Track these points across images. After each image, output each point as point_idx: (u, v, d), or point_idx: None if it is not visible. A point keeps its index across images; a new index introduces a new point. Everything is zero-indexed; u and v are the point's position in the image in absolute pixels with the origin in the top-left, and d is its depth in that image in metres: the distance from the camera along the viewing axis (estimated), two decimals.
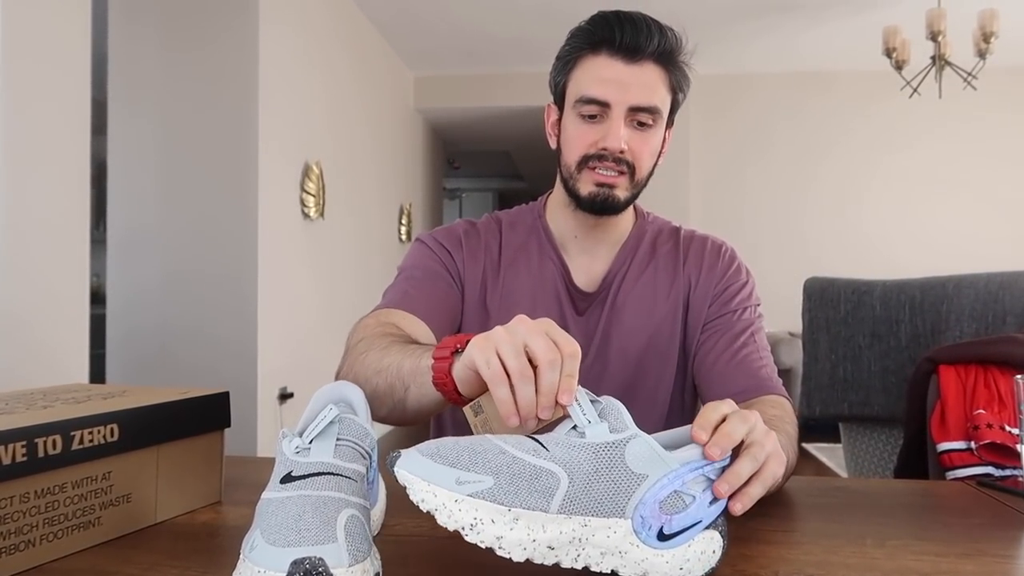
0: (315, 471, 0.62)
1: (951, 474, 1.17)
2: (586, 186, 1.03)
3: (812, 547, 0.67)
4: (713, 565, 0.59)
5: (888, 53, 4.17)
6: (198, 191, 3.18)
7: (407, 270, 1.10)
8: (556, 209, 1.13)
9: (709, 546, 0.59)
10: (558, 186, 1.10)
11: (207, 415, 0.83)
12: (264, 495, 0.61)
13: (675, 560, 0.57)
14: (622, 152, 1.00)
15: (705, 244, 1.13)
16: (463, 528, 0.55)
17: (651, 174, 1.06)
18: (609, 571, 0.57)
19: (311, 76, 3.76)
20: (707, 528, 0.59)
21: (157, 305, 3.16)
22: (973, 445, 1.15)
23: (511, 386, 0.62)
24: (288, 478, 0.61)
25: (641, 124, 1.01)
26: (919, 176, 5.64)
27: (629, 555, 0.56)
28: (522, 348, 0.62)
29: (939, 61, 4.13)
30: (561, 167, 1.07)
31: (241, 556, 0.57)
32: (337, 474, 0.62)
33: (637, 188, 1.05)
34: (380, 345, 0.87)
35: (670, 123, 1.07)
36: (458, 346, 0.71)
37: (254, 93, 3.16)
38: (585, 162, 1.02)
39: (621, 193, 1.03)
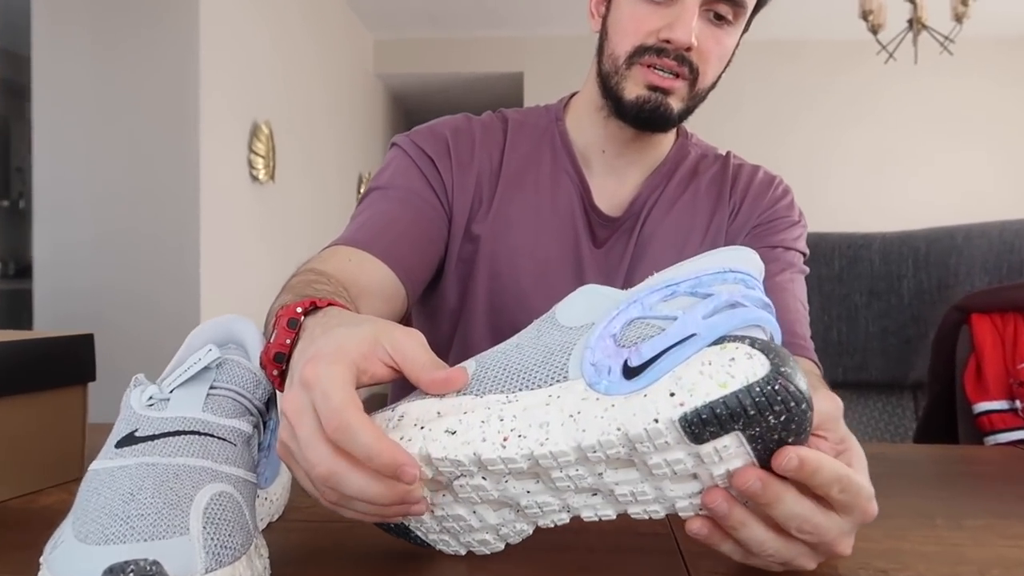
0: (170, 429, 0.42)
1: (991, 439, 1.00)
2: (634, 87, 0.79)
3: (873, 531, 0.49)
4: (754, 378, 0.35)
5: (864, 16, 4.03)
6: (132, 148, 2.92)
7: (377, 190, 0.85)
8: (582, 114, 0.89)
9: (724, 358, 0.36)
10: (590, 84, 0.87)
11: (61, 365, 0.62)
12: (91, 466, 0.41)
13: (658, 390, 0.37)
14: (689, 49, 0.77)
15: (756, 173, 0.91)
16: None
17: (713, 87, 0.84)
18: (552, 456, 0.38)
19: (259, 30, 3.50)
20: (715, 344, 0.38)
21: (89, 274, 2.90)
22: (1018, 404, 0.99)
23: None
24: (129, 440, 0.42)
25: (719, 18, 0.78)
26: (889, 147, 5.55)
27: (584, 415, 0.38)
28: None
29: (916, 24, 4.00)
30: (602, 59, 0.83)
31: (41, 559, 0.37)
32: (204, 434, 0.43)
33: (695, 101, 0.82)
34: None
35: (746, 28, 0.84)
36: (288, 342, 0.48)
37: (194, 43, 2.90)
38: (639, 55, 0.78)
39: (676, 103, 0.80)
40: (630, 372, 0.38)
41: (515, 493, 0.42)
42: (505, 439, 0.39)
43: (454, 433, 0.40)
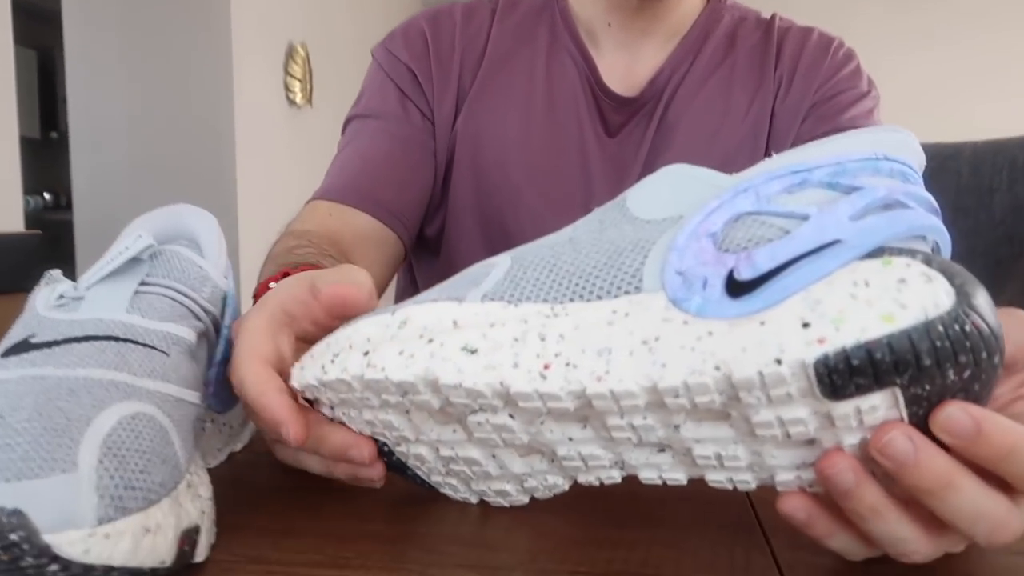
0: (77, 334, 0.32)
1: None
2: None
3: None
4: (936, 312, 0.24)
5: None
6: (165, 73, 2.83)
7: (354, 120, 0.76)
8: None
9: (890, 278, 0.25)
10: None
11: None
12: None
13: (784, 317, 0.25)
14: None
15: (809, 36, 0.75)
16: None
17: None
18: (613, 396, 0.27)
19: None
20: (871, 258, 0.26)
21: (127, 203, 2.86)
22: None
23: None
24: (22, 347, 0.32)
25: None
26: (983, 38, 4.77)
27: (665, 343, 0.27)
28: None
29: None
30: None
31: None
32: (124, 340, 0.32)
33: None
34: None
35: None
36: None
37: None
38: None
39: None
40: (737, 288, 0.26)
41: (552, 439, 0.31)
42: (546, 366, 0.28)
43: (474, 352, 0.29)
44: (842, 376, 0.24)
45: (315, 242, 0.61)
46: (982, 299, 0.24)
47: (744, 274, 0.27)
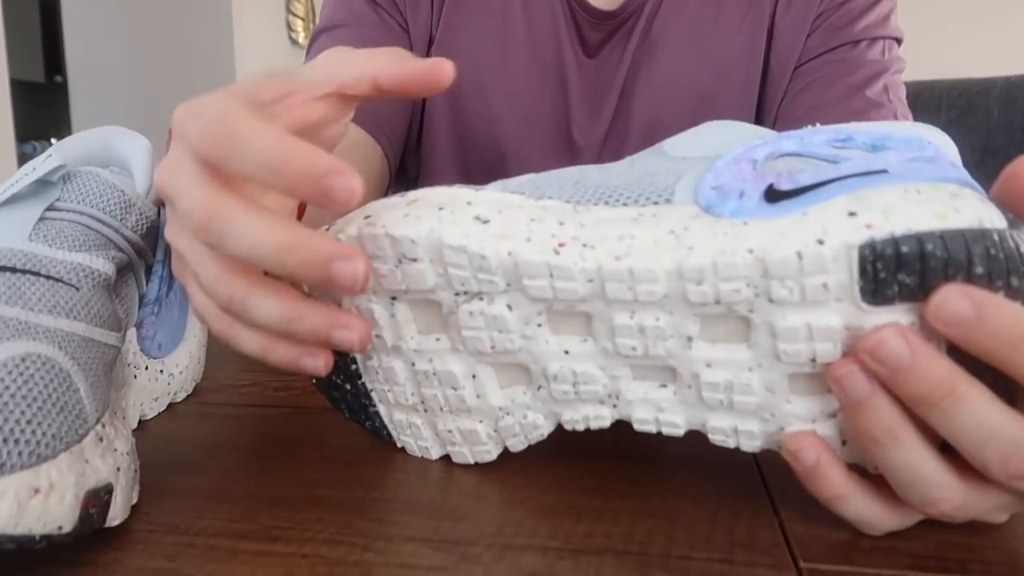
0: None
1: None
2: None
3: None
4: (991, 225, 0.21)
5: None
6: (162, 12, 2.75)
7: (322, 33, 0.69)
8: None
9: (944, 193, 0.22)
10: None
11: None
12: None
13: (829, 209, 0.22)
14: None
15: None
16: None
17: None
18: (631, 275, 0.24)
19: None
20: (914, 182, 0.23)
21: None
22: None
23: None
24: None
25: None
26: None
27: (694, 232, 0.24)
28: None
29: None
30: None
31: None
32: (23, 271, 0.28)
33: None
34: None
35: None
36: None
37: None
38: None
39: None
40: (776, 196, 0.24)
41: (547, 350, 0.27)
42: (561, 244, 0.25)
43: (487, 223, 0.26)
44: (888, 267, 0.21)
45: None
46: None
47: (783, 185, 0.24)
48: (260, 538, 0.26)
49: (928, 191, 0.22)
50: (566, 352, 0.27)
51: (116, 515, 0.26)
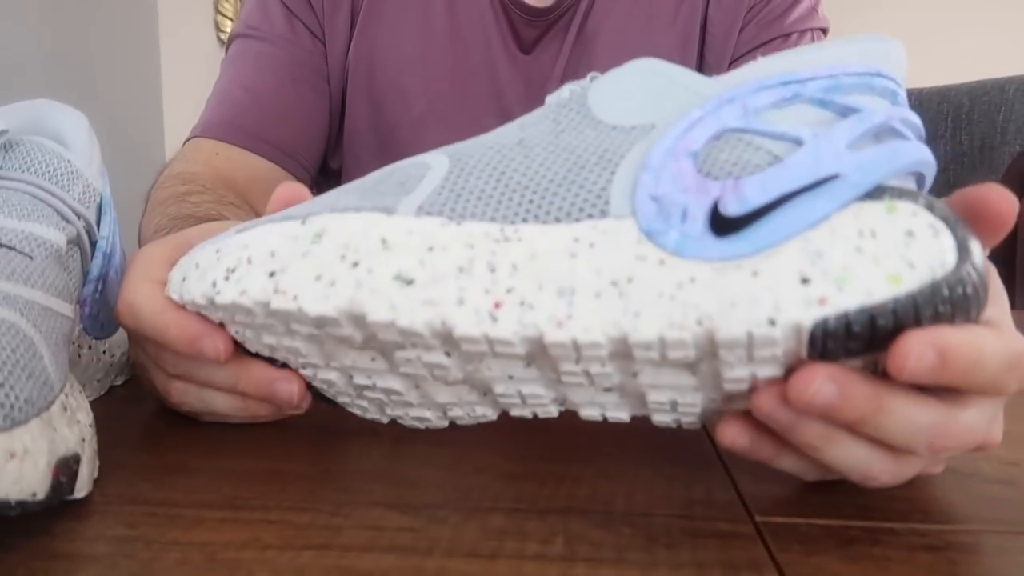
0: None
1: None
2: None
3: None
4: (943, 271, 0.21)
5: None
6: (84, 12, 2.65)
7: (236, 39, 0.68)
8: None
9: (898, 230, 0.21)
10: None
11: None
12: None
13: (781, 269, 0.21)
14: None
15: None
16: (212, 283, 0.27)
17: None
18: (575, 347, 0.23)
19: None
20: (872, 199, 0.22)
21: None
22: None
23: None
24: None
25: None
26: None
27: (640, 286, 0.22)
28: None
29: None
30: None
31: None
32: None
33: None
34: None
35: None
36: None
37: None
38: None
39: None
40: (721, 224, 0.23)
41: (490, 377, 0.26)
42: (497, 305, 0.23)
43: (410, 284, 0.24)
44: (837, 341, 0.21)
45: (209, 187, 0.55)
46: (977, 253, 0.22)
47: (731, 208, 0.23)
48: (223, 507, 0.25)
49: (884, 229, 0.22)
50: (511, 377, 0.26)
51: (82, 486, 0.25)
